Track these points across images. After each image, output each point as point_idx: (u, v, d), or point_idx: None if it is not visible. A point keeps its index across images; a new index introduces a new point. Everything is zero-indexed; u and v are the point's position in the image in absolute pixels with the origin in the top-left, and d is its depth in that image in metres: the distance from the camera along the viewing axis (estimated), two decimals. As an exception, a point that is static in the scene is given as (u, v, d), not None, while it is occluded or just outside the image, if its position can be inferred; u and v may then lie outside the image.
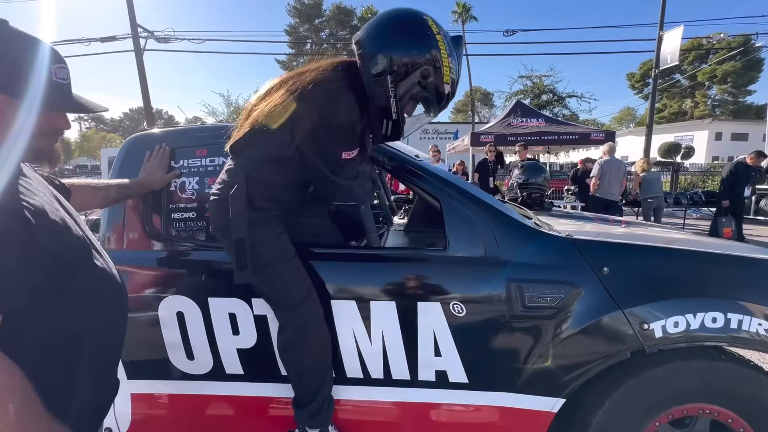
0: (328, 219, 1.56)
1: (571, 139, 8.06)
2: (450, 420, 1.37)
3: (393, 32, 1.16)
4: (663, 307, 1.25)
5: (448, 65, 1.13)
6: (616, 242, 1.37)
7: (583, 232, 1.66)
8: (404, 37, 1.15)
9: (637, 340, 1.24)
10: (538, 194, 2.51)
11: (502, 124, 8.64)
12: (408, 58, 1.13)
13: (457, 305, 1.30)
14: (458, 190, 1.40)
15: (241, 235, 1.24)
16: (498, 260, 1.33)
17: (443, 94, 1.19)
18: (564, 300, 1.28)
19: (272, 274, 1.26)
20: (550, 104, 17.52)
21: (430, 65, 1.13)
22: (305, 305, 1.28)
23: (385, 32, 1.17)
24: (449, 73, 1.14)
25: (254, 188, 1.23)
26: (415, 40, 1.13)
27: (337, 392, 1.39)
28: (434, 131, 27.51)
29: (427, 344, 1.33)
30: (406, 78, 1.14)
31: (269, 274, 1.27)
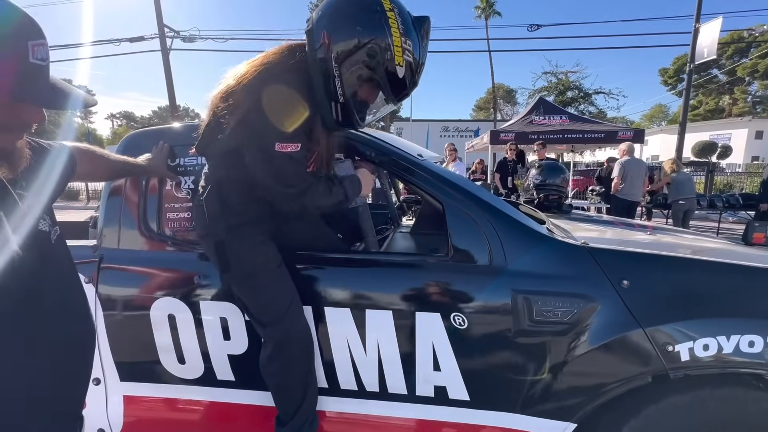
0: (321, 223, 1.48)
1: (596, 138, 7.70)
2: (449, 439, 1.28)
3: (339, 7, 1.05)
4: (691, 326, 1.11)
5: (401, 45, 1.00)
6: (638, 252, 1.23)
7: (603, 239, 1.53)
8: (349, 11, 1.04)
9: (659, 363, 1.11)
10: (556, 196, 2.36)
11: (523, 121, 8.35)
12: (351, 33, 1.02)
13: (458, 317, 1.21)
14: (462, 192, 1.29)
15: (218, 237, 1.19)
16: (505, 269, 1.22)
17: (397, 78, 1.05)
18: (577, 315, 1.16)
19: (251, 285, 1.21)
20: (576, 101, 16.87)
21: (376, 44, 1.00)
22: (286, 320, 1.21)
23: (332, 8, 1.06)
24: (402, 54, 1.01)
25: (228, 188, 1.17)
26: (361, 15, 1.02)
27: (329, 404, 1.32)
28: (455, 129, 27.20)
29: (426, 357, 1.24)
30: (350, 57, 1.02)
31: (249, 286, 1.21)
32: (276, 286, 1.21)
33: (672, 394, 1.14)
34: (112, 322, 1.37)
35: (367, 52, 1.01)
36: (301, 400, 1.25)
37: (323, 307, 1.27)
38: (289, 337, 1.22)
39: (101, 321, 1.37)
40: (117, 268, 1.40)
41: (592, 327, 1.16)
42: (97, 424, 1.43)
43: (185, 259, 1.40)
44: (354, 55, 1.02)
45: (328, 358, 1.30)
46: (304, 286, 1.26)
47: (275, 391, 1.27)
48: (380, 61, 1.02)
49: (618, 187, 5.33)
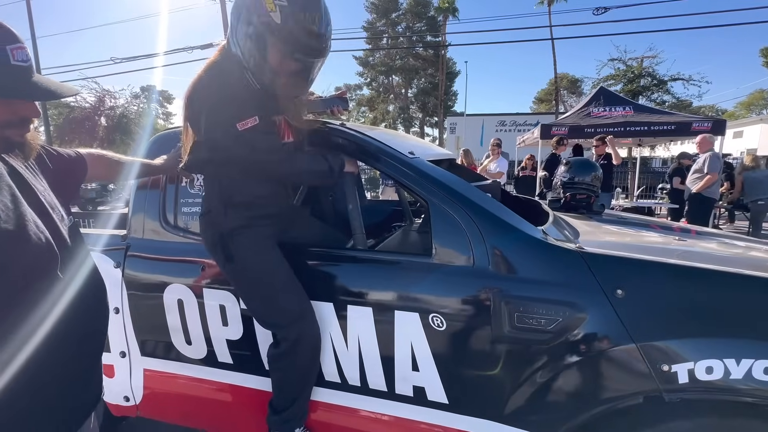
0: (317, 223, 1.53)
1: (665, 130, 6.87)
2: (426, 441, 1.26)
3: None
4: (693, 345, 0.99)
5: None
6: (638, 259, 1.11)
7: (611, 243, 1.40)
8: None
9: (653, 383, 1.00)
10: (585, 195, 2.17)
11: (579, 114, 7.71)
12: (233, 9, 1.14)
13: (436, 318, 1.18)
14: (448, 191, 1.26)
15: (222, 228, 1.27)
16: (487, 272, 1.17)
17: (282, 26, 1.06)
18: (561, 324, 1.08)
19: (264, 293, 1.26)
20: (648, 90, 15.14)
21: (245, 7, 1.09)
22: (302, 322, 1.27)
23: None
24: (273, 3, 1.04)
25: (229, 190, 1.25)
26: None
27: (315, 393, 1.37)
28: (512, 123, 25.93)
29: (404, 357, 1.24)
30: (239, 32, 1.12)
31: (261, 294, 1.27)
32: (289, 288, 1.27)
33: (671, 418, 1.02)
34: (135, 302, 1.55)
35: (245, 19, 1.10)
36: (299, 394, 1.31)
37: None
38: (303, 337, 1.26)
39: (126, 301, 1.55)
40: (140, 256, 1.57)
41: (578, 338, 1.07)
42: (122, 392, 1.62)
43: (194, 249, 1.53)
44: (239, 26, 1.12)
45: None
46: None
47: (277, 383, 1.32)
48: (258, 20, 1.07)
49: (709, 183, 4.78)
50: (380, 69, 31.87)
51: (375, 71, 32.26)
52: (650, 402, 1.02)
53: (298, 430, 1.33)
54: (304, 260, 1.36)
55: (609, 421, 1.08)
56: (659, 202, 7.99)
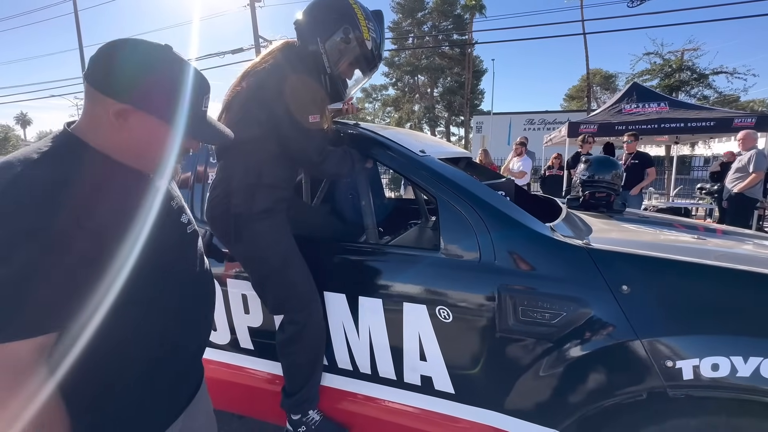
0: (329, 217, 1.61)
1: (704, 127, 6.50)
2: (433, 429, 1.30)
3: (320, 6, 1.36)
4: (699, 342, 0.98)
5: (366, 25, 1.33)
6: (645, 255, 1.10)
7: (620, 240, 1.39)
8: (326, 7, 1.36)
9: (657, 379, 1.00)
10: (604, 194, 2.13)
11: (610, 111, 7.41)
12: (330, 22, 1.32)
13: (443, 310, 1.23)
14: (456, 188, 1.30)
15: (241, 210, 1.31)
16: (493, 266, 1.20)
17: (368, 51, 1.37)
18: (565, 319, 1.10)
19: (280, 278, 1.32)
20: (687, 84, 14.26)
21: (349, 26, 1.31)
22: (310, 307, 1.35)
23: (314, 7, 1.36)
24: (368, 32, 1.34)
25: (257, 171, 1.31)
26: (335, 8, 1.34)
27: (327, 380, 1.44)
28: (540, 121, 25.24)
29: (413, 347, 1.29)
30: (332, 36, 1.32)
31: (277, 278, 1.32)
32: (303, 274, 1.34)
33: (676, 415, 1.02)
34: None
35: (343, 32, 1.31)
36: (309, 377, 1.39)
37: (322, 291, 1.39)
38: (311, 323, 1.35)
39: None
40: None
41: (582, 332, 1.09)
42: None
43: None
44: (335, 35, 1.32)
45: (327, 340, 1.42)
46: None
47: (288, 368, 1.40)
48: (354, 37, 1.32)
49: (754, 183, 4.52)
50: (406, 69, 31.84)
51: (401, 71, 32.25)
52: (654, 398, 1.02)
53: (312, 411, 1.40)
54: (317, 252, 1.43)
55: (612, 416, 1.09)
56: (697, 203, 7.60)
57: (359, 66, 1.42)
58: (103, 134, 0.68)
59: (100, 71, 0.67)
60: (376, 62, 1.43)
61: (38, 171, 0.61)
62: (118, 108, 0.66)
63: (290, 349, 1.36)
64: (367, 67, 1.44)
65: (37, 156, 0.63)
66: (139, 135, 0.70)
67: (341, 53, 1.34)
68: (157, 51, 0.70)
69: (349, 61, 1.38)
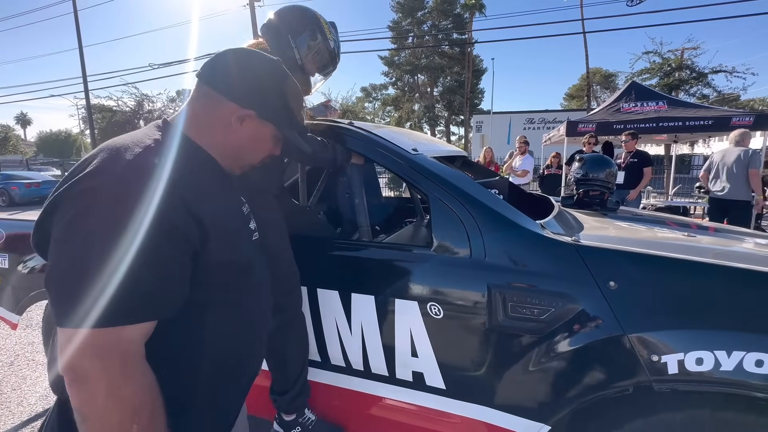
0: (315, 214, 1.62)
1: (702, 125, 6.50)
2: (425, 424, 1.32)
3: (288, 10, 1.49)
4: (684, 337, 1.00)
5: (328, 29, 1.51)
6: (631, 252, 1.12)
7: (609, 237, 1.40)
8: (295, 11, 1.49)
9: (643, 373, 1.02)
10: (598, 192, 2.15)
11: (608, 110, 7.41)
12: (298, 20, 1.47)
13: (434, 306, 1.24)
14: (446, 185, 1.31)
15: None
16: (484, 263, 1.22)
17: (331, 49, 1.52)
18: (554, 314, 1.11)
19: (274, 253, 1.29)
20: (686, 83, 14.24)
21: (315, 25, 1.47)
22: (296, 291, 1.37)
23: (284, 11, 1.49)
24: (330, 34, 1.52)
25: None
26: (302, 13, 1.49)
27: (319, 376, 1.46)
28: (540, 120, 25.24)
29: (404, 343, 1.30)
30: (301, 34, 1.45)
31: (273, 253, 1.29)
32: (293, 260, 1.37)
33: (663, 409, 1.03)
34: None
35: (310, 31, 1.46)
36: (301, 370, 1.41)
37: (316, 289, 1.41)
38: (295, 312, 1.37)
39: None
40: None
41: (570, 328, 1.10)
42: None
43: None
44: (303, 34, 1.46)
45: (320, 336, 1.43)
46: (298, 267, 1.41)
47: (276, 365, 1.40)
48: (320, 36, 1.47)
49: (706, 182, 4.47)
50: (405, 68, 31.85)
51: (400, 70, 32.27)
52: (641, 392, 1.04)
53: (308, 411, 1.42)
54: (310, 250, 1.44)
55: (600, 410, 1.10)
56: (695, 201, 7.60)
57: (322, 63, 1.54)
58: (210, 133, 0.72)
59: (224, 76, 0.71)
60: (335, 62, 1.59)
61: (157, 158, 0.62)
62: (241, 113, 0.71)
63: (278, 343, 1.37)
64: (329, 64, 1.57)
65: (150, 143, 0.64)
66: (247, 138, 0.75)
67: (309, 49, 1.47)
68: (273, 64, 0.76)
69: (314, 57, 1.50)
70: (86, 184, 0.58)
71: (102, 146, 0.63)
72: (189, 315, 0.66)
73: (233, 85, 0.71)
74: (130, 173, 0.59)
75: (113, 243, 0.55)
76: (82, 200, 0.56)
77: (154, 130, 0.69)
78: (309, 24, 1.47)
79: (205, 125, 0.72)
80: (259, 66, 0.74)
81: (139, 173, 0.59)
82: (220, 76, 0.72)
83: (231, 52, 0.74)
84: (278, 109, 0.76)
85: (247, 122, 0.73)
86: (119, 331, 0.56)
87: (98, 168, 0.59)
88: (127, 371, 0.56)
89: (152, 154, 0.63)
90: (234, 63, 0.72)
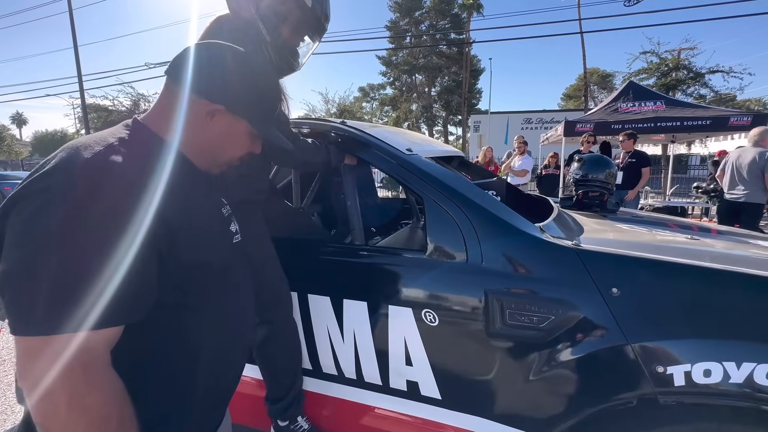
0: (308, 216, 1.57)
1: (700, 125, 6.48)
2: (420, 435, 1.27)
3: None
4: (690, 347, 0.95)
5: None
6: (635, 257, 1.07)
7: (611, 241, 1.35)
8: None
9: (647, 385, 0.97)
10: (598, 193, 2.10)
11: (606, 109, 7.38)
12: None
13: (429, 313, 1.19)
14: (441, 187, 1.26)
15: None
16: (480, 268, 1.16)
17: (308, 9, 1.18)
18: (554, 322, 1.06)
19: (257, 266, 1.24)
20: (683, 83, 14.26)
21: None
22: (286, 299, 1.31)
23: None
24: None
25: None
26: None
27: (311, 384, 1.40)
28: (538, 120, 25.25)
29: (398, 351, 1.25)
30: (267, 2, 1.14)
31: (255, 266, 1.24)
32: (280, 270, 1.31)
33: (668, 422, 0.99)
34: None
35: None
36: (294, 377, 1.36)
37: (306, 294, 1.35)
38: (285, 321, 1.32)
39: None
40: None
41: (571, 336, 1.05)
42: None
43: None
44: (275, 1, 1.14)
45: (311, 343, 1.38)
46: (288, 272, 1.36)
47: (269, 373, 1.35)
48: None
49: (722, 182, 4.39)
50: (403, 68, 31.80)
51: (398, 70, 32.22)
52: (645, 404, 0.99)
53: (300, 418, 1.36)
54: (300, 253, 1.39)
55: (602, 423, 1.05)
56: (693, 202, 7.60)
57: (303, 30, 1.22)
58: (182, 131, 0.68)
59: (191, 71, 0.67)
60: (323, 23, 1.23)
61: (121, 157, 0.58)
62: (211, 108, 0.68)
63: (268, 351, 1.32)
64: (312, 30, 1.24)
65: (114, 141, 0.61)
66: (219, 135, 0.71)
67: (279, 17, 1.15)
68: (243, 57, 0.72)
69: (291, 26, 1.19)
70: (41, 183, 0.54)
71: (64, 146, 0.59)
72: (163, 319, 0.63)
73: (201, 80, 0.67)
74: (87, 172, 0.55)
75: (69, 244, 0.51)
76: (36, 200, 0.53)
77: (122, 129, 0.65)
78: None
79: (175, 122, 0.68)
80: (228, 59, 0.70)
81: (96, 171, 0.55)
82: (188, 72, 0.67)
83: (198, 46, 0.70)
84: (250, 103, 0.72)
85: (217, 118, 0.69)
86: (80, 338, 0.51)
87: (54, 167, 0.55)
88: (91, 379, 0.52)
89: (113, 152, 0.58)
90: (201, 57, 0.68)
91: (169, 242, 0.60)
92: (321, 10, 1.20)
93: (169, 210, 0.59)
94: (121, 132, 0.64)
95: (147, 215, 0.56)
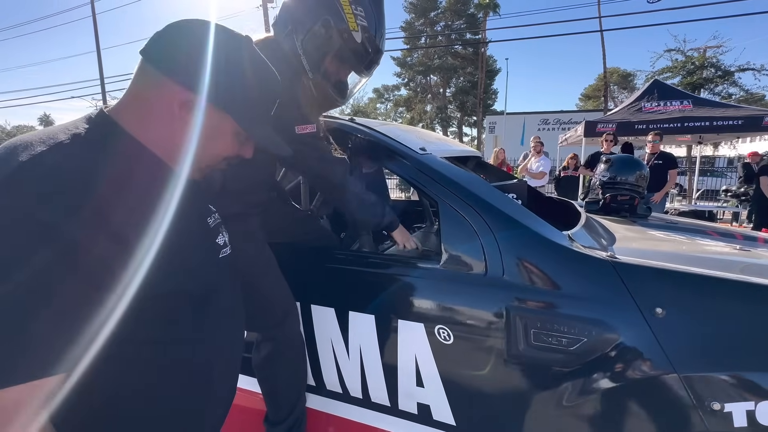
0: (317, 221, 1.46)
1: (731, 125, 6.15)
2: (431, 464, 1.15)
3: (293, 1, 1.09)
4: (754, 381, 0.80)
5: (352, 12, 1.04)
6: (684, 272, 0.93)
7: (650, 252, 1.21)
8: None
9: (700, 424, 0.83)
10: (627, 197, 1.94)
11: (630, 109, 7.08)
12: (306, 9, 1.06)
13: (443, 330, 1.07)
14: (458, 190, 1.14)
15: None
16: (501, 281, 1.04)
17: (358, 45, 1.07)
18: (586, 345, 0.93)
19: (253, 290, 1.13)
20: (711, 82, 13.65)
21: (329, 14, 1.04)
22: (290, 321, 1.20)
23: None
24: (355, 20, 1.04)
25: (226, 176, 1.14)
26: None
27: (313, 401, 1.30)
28: (555, 121, 24.68)
29: (408, 370, 1.13)
30: (310, 31, 1.06)
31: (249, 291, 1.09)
32: (281, 283, 1.20)
33: (723, 468, 0.84)
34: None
35: (323, 23, 1.05)
36: (296, 399, 1.25)
37: (309, 304, 1.25)
38: (293, 336, 1.21)
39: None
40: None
41: (606, 362, 0.92)
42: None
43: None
44: (313, 29, 1.06)
45: (314, 357, 1.27)
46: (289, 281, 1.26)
47: (269, 394, 1.25)
48: (337, 30, 1.05)
49: None
50: (418, 69, 31.62)
51: (413, 71, 32.04)
52: (696, 446, 0.85)
53: None
54: (303, 261, 1.29)
55: (644, 462, 0.91)
56: (722, 206, 7.23)
57: (350, 63, 1.13)
58: (151, 124, 0.57)
59: (168, 51, 0.57)
60: (373, 57, 1.13)
61: (63, 157, 0.48)
62: (185, 96, 0.57)
63: (269, 371, 1.21)
64: (360, 64, 1.14)
65: (65, 138, 0.51)
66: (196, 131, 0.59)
67: (322, 51, 1.07)
68: (236, 39, 0.61)
69: (336, 59, 1.10)
70: None
71: (5, 143, 0.49)
72: (124, 358, 0.52)
73: (178, 62, 0.56)
74: (18, 178, 0.44)
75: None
76: None
77: (81, 123, 0.55)
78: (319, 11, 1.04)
79: (146, 114, 0.57)
80: (214, 40, 0.58)
81: (30, 178, 0.45)
82: (165, 51, 0.56)
83: (184, 22, 0.58)
84: (234, 94, 0.60)
85: (193, 109, 0.57)
86: None
87: None
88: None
89: (59, 153, 0.48)
90: (183, 35, 0.57)
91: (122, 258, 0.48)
92: (371, 44, 1.10)
93: (127, 226, 0.49)
94: (78, 127, 0.53)
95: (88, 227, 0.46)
